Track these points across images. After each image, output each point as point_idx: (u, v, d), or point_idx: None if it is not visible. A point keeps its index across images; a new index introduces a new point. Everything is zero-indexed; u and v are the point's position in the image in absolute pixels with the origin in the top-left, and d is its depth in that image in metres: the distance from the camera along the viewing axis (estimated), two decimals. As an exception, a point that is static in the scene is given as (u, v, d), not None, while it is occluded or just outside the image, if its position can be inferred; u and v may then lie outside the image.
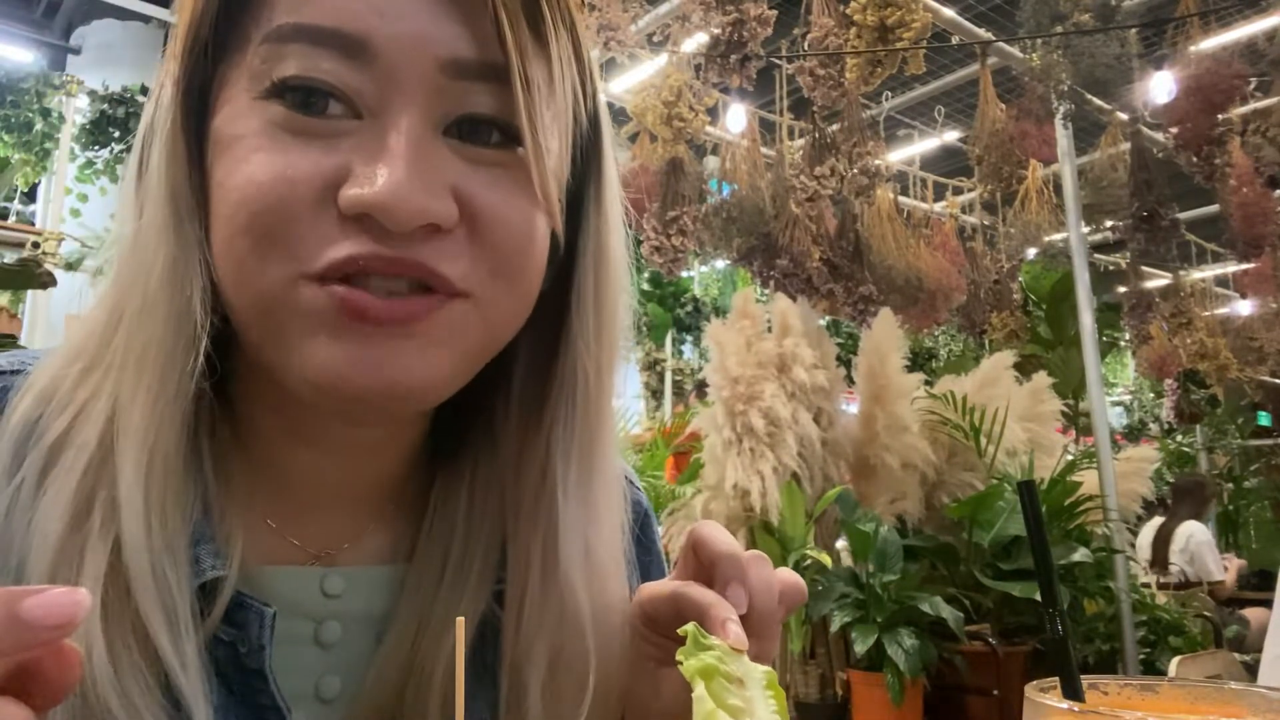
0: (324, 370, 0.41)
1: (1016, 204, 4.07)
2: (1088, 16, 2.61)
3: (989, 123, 3.32)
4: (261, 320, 0.42)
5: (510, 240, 0.43)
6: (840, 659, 2.28)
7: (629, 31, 2.70)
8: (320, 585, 0.49)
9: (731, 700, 0.38)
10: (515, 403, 0.51)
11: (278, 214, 0.40)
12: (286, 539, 0.49)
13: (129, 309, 0.43)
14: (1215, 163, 3.09)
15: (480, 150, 0.43)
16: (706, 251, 3.31)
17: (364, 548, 0.51)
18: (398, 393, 0.42)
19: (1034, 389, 2.84)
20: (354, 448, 0.49)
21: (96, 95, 5.65)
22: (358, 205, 0.39)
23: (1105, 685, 0.42)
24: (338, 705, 0.48)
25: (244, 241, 0.40)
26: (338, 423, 0.47)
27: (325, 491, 0.50)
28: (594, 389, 0.50)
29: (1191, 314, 4.96)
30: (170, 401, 0.42)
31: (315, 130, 0.41)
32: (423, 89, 0.41)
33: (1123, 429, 9.47)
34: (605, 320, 0.50)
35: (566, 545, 0.49)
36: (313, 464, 0.49)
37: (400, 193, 0.39)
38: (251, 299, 0.41)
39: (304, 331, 0.41)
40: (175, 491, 0.42)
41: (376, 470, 0.51)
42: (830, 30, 2.77)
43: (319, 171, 0.40)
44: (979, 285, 4.32)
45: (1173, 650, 2.57)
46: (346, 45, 0.40)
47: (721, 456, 2.30)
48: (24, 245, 5.48)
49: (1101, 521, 2.65)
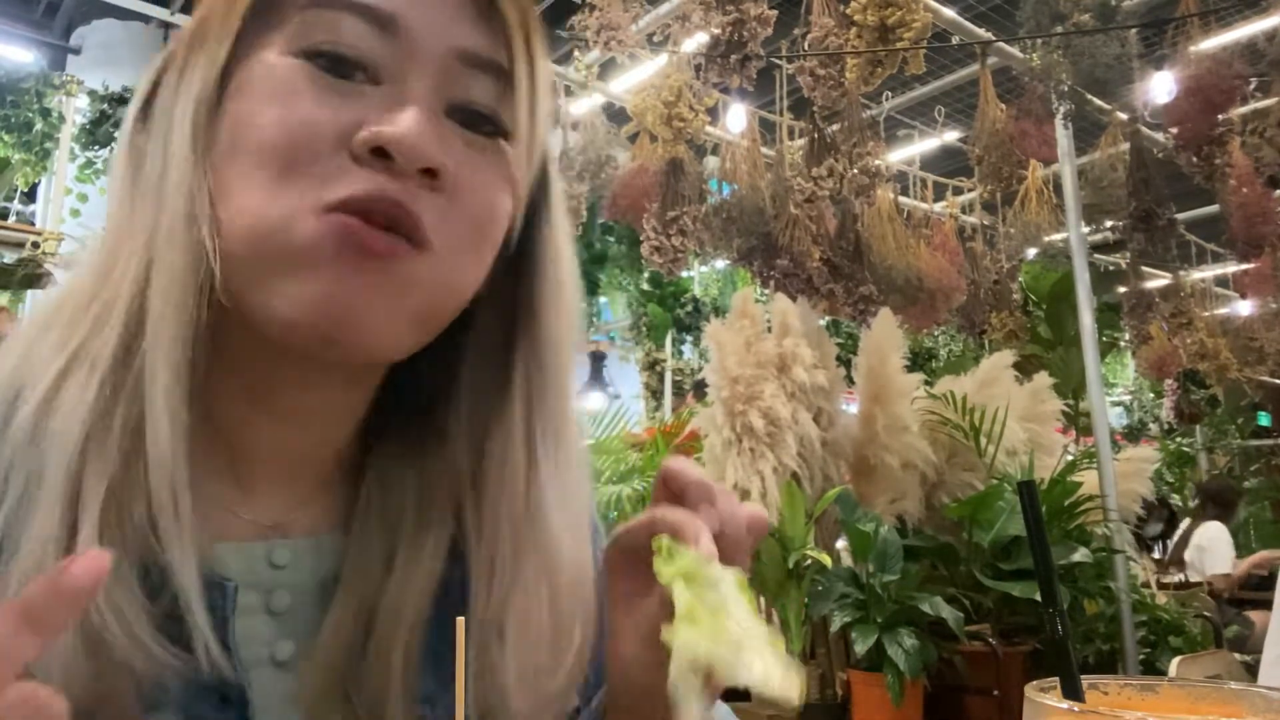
0: (310, 305, 0.44)
1: (1016, 204, 4.07)
2: (1088, 16, 2.61)
3: (989, 123, 3.32)
4: (255, 251, 0.45)
5: (481, 211, 0.49)
6: (840, 659, 2.28)
7: (629, 31, 2.70)
8: (268, 558, 0.51)
9: (709, 597, 0.41)
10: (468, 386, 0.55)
11: (298, 150, 0.44)
12: (237, 515, 0.52)
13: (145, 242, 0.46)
14: (1215, 163, 3.09)
15: (471, 135, 0.49)
16: (706, 251, 3.31)
17: (311, 516, 0.54)
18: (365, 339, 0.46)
19: (1034, 389, 2.84)
20: (307, 412, 0.52)
21: (96, 95, 5.64)
22: (375, 139, 0.44)
23: (1105, 685, 0.42)
24: (291, 668, 0.50)
25: (261, 174, 0.44)
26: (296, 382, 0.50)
27: (273, 464, 0.53)
28: (563, 371, 0.55)
29: (1191, 314, 4.96)
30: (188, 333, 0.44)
31: (339, 89, 0.46)
32: (437, 67, 0.47)
33: (1123, 429, 9.47)
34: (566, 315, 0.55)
35: (541, 505, 0.52)
36: (266, 430, 0.52)
37: (416, 129, 0.45)
38: (252, 227, 0.45)
39: (296, 263, 0.44)
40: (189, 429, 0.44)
41: (326, 436, 0.54)
42: (830, 30, 2.77)
43: (338, 119, 0.45)
44: (979, 285, 4.32)
45: (1173, 650, 2.57)
46: (378, 18, 0.46)
47: (721, 456, 2.30)
48: (24, 245, 5.48)
49: (1101, 521, 2.64)
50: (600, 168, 3.11)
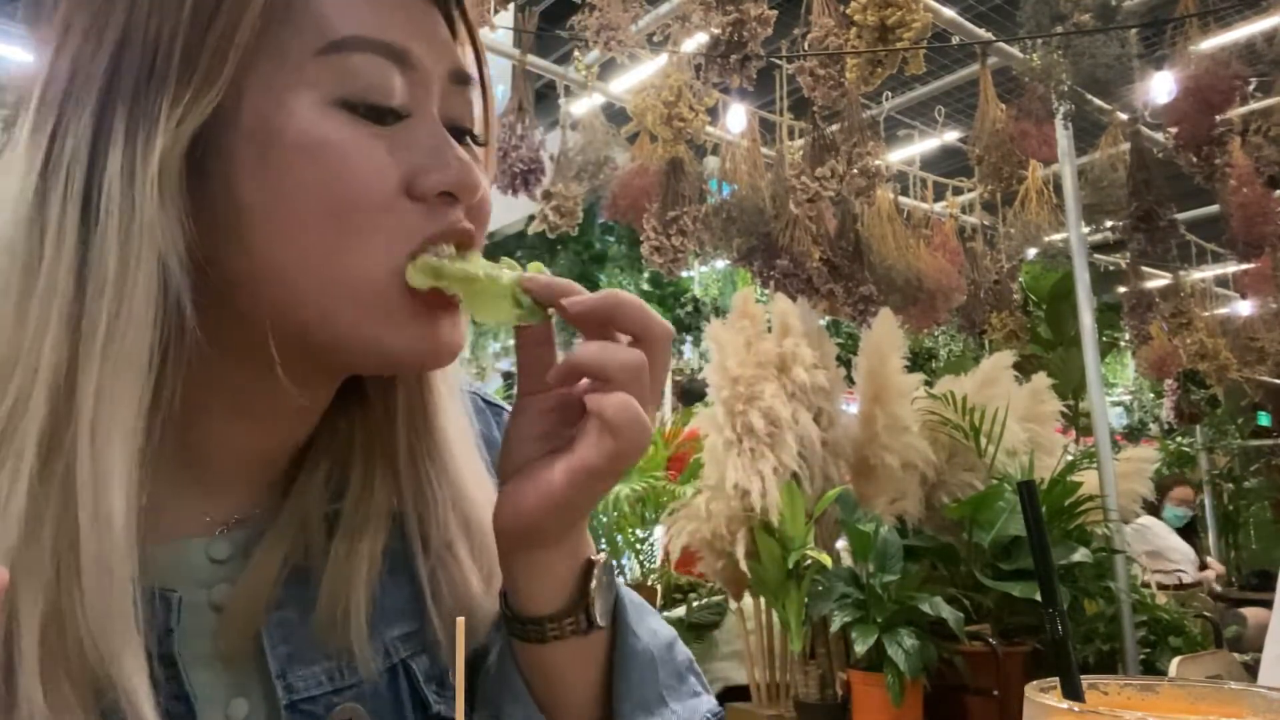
0: (410, 350, 0.49)
1: (1016, 204, 4.07)
2: (1088, 16, 2.61)
3: (989, 123, 3.32)
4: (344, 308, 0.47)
5: (485, 217, 0.53)
6: (840, 659, 2.28)
7: (629, 31, 2.70)
8: (206, 553, 0.52)
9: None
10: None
11: (371, 202, 0.46)
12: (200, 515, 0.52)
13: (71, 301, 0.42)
14: (1215, 163, 3.09)
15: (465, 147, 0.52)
16: (706, 251, 3.31)
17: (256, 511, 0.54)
18: (445, 361, 0.52)
19: (1034, 389, 2.84)
20: (287, 414, 0.53)
21: (96, 95, 5.64)
22: (442, 186, 0.48)
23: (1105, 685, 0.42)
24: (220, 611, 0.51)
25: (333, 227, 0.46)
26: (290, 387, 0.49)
27: (245, 464, 0.54)
28: None
29: (1191, 314, 4.96)
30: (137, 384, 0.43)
31: (382, 135, 0.47)
32: (439, 91, 0.50)
33: (1123, 429, 9.47)
34: None
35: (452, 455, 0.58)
36: (240, 437, 0.52)
37: (471, 171, 0.49)
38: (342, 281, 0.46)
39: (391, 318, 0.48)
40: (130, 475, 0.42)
41: (295, 435, 0.55)
42: (830, 30, 2.76)
43: (397, 167, 0.47)
44: (979, 285, 4.32)
45: (1173, 650, 2.57)
46: (398, 56, 0.48)
47: (722, 456, 2.30)
48: (24, 245, 5.47)
49: (1101, 521, 2.64)
50: (600, 168, 3.11)
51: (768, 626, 2.43)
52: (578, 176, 3.08)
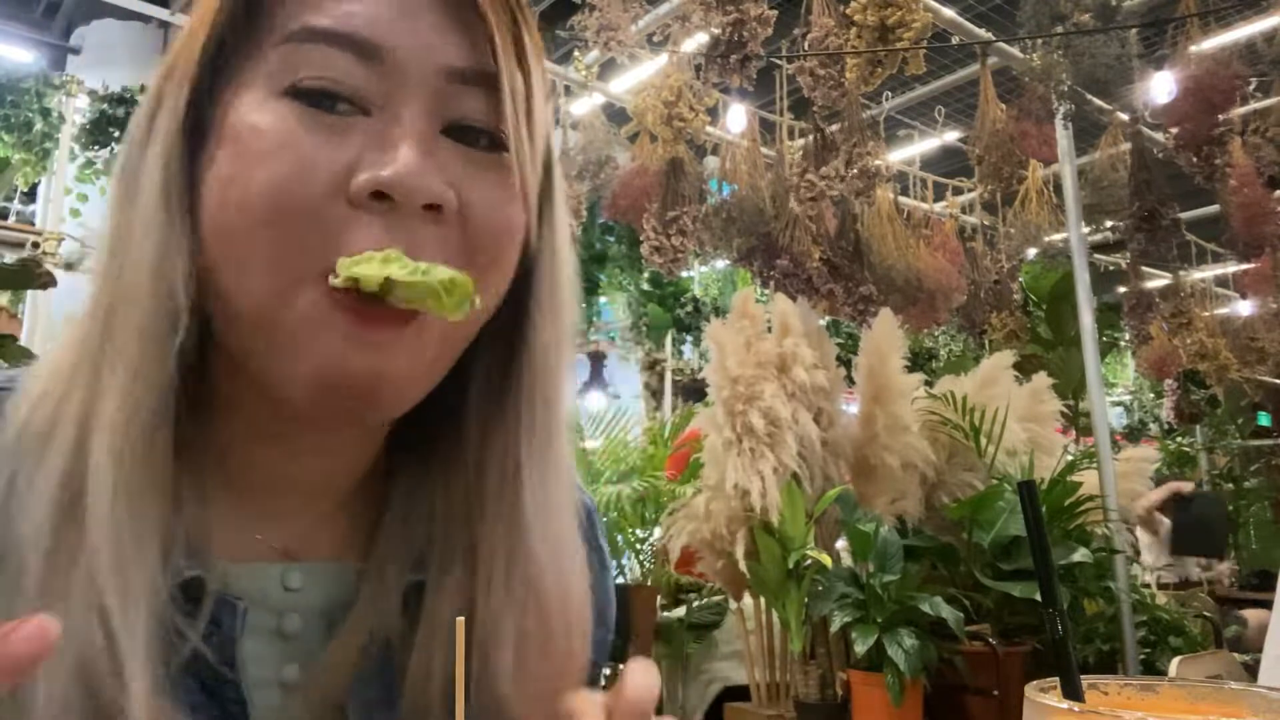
0: (322, 379, 0.43)
1: (1016, 204, 4.07)
2: (1088, 16, 2.61)
3: (989, 123, 3.32)
4: (262, 325, 0.44)
5: (494, 233, 0.47)
6: (840, 659, 2.28)
7: (629, 31, 2.70)
8: (281, 580, 0.51)
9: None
10: (478, 395, 0.53)
11: (296, 208, 0.42)
12: (252, 536, 0.51)
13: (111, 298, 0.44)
14: (1215, 163, 3.09)
15: (469, 151, 0.47)
16: (706, 251, 3.31)
17: (324, 542, 0.53)
18: (385, 399, 0.45)
19: (1034, 389, 2.84)
20: (322, 448, 0.51)
21: (96, 95, 5.64)
22: (373, 184, 0.42)
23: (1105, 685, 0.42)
24: (296, 690, 0.50)
25: (257, 238, 0.42)
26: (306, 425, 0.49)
27: (290, 490, 0.52)
28: (553, 382, 0.53)
29: (1191, 314, 4.96)
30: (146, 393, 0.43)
31: (328, 125, 0.44)
32: (426, 90, 0.45)
33: (1123, 429, 9.46)
34: (560, 321, 0.53)
35: (531, 530, 0.51)
36: (280, 463, 0.51)
37: (413, 169, 0.43)
38: (255, 300, 0.43)
39: (304, 341, 0.43)
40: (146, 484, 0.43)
41: (342, 468, 0.53)
42: (830, 30, 2.76)
43: (332, 163, 0.43)
44: (979, 285, 4.32)
45: (1173, 650, 2.57)
46: (361, 49, 0.44)
47: (721, 456, 2.30)
48: (24, 245, 5.48)
49: (1101, 521, 2.64)
50: (600, 168, 3.11)
51: (768, 626, 2.43)
52: (578, 176, 3.08)
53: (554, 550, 0.52)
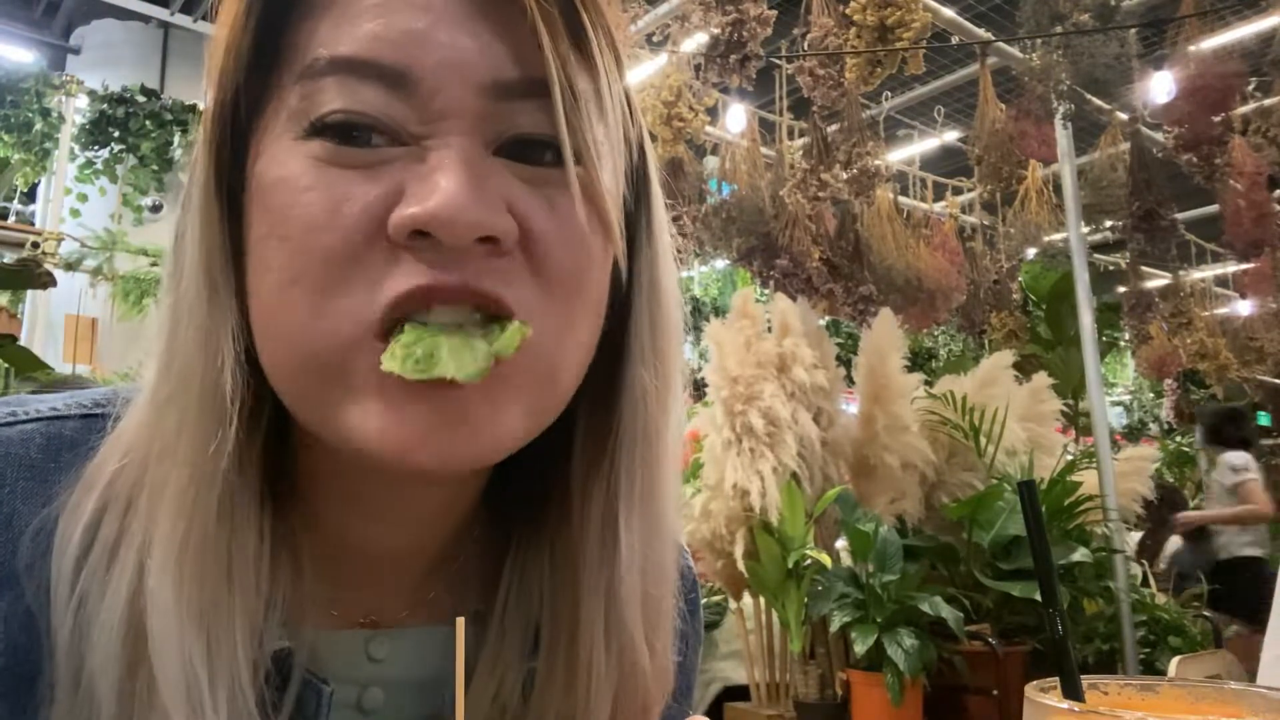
0: (385, 441, 0.38)
1: (1016, 204, 4.08)
2: (1088, 16, 2.61)
3: (989, 123, 3.32)
4: (312, 386, 0.39)
5: (570, 263, 0.41)
6: (840, 659, 2.28)
7: (629, 31, 2.70)
8: (365, 649, 0.47)
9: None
10: (580, 453, 0.48)
11: (333, 252, 0.38)
12: (342, 604, 0.48)
13: (167, 389, 0.41)
14: (1215, 163, 3.09)
15: (534, 169, 0.41)
16: (706, 251, 3.31)
17: (415, 609, 0.50)
18: (462, 459, 0.39)
19: (1034, 389, 2.84)
20: (410, 516, 0.47)
21: (96, 95, 5.65)
22: (410, 222, 0.37)
23: (1105, 685, 0.41)
24: None
25: (299, 290, 0.38)
26: (401, 489, 0.45)
27: (378, 559, 0.48)
28: (656, 437, 0.47)
29: (1191, 314, 4.96)
30: (206, 501, 0.40)
31: (360, 161, 0.39)
32: (468, 114, 0.39)
33: (1123, 429, 9.47)
34: (663, 362, 0.47)
35: (629, 603, 0.46)
36: (367, 531, 0.47)
37: (456, 202, 0.37)
38: (301, 362, 0.39)
39: (358, 400, 0.38)
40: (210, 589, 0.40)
41: (432, 535, 0.49)
42: (830, 30, 2.77)
43: (367, 200, 0.38)
44: (979, 285, 4.32)
45: (1173, 650, 2.57)
46: (385, 76, 0.39)
47: (721, 456, 2.30)
48: (24, 245, 5.49)
49: (1101, 521, 2.64)
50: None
51: (768, 626, 2.43)
52: (578, 176, 3.07)
53: (650, 625, 0.48)
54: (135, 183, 5.80)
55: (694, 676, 0.62)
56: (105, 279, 5.45)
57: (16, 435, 0.43)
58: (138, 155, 5.70)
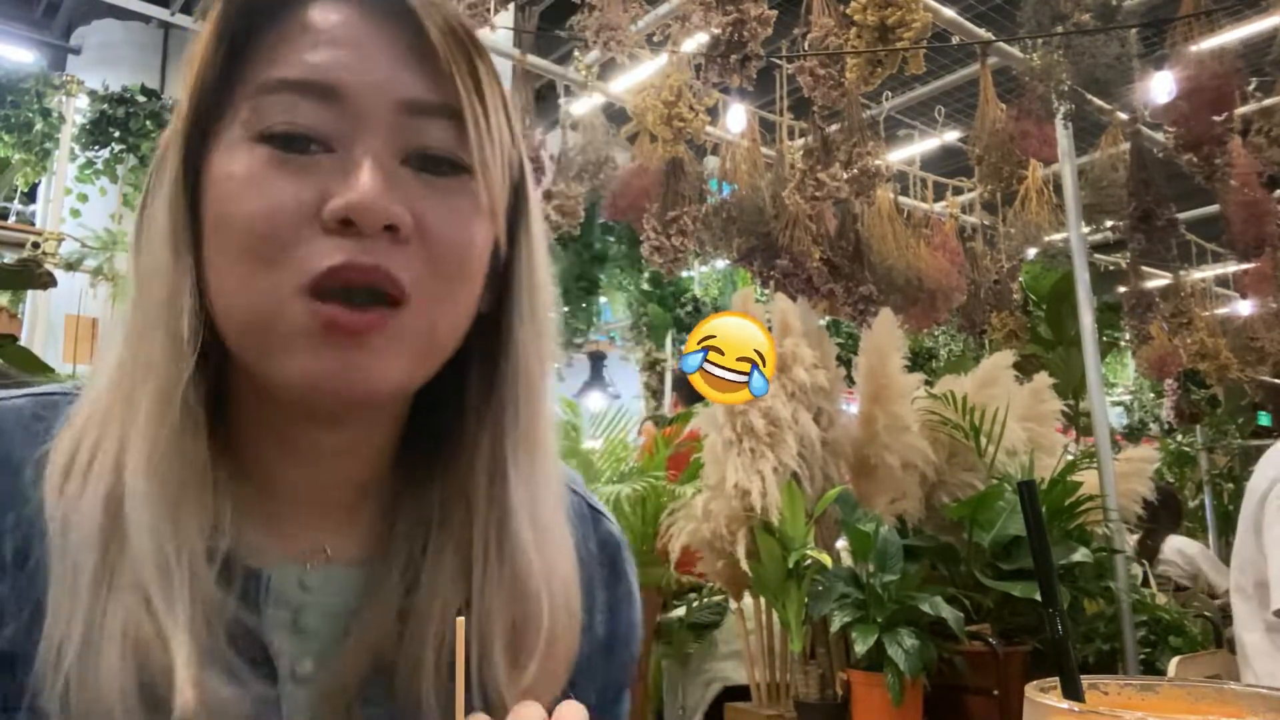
0: (305, 377, 0.49)
1: (1016, 204, 4.07)
2: (1088, 16, 2.61)
3: (989, 123, 3.32)
4: (254, 335, 0.50)
5: (454, 249, 0.52)
6: (840, 659, 2.28)
7: (629, 31, 2.70)
8: (299, 580, 0.56)
9: None
10: (472, 400, 0.58)
11: (270, 237, 0.48)
12: (275, 539, 0.56)
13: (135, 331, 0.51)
14: (1215, 163, 3.09)
15: (433, 179, 0.52)
16: (706, 251, 3.31)
17: (343, 545, 0.58)
18: (360, 394, 0.50)
19: (1034, 389, 2.84)
20: (330, 453, 0.57)
21: (96, 95, 5.64)
22: (340, 210, 0.48)
23: (1105, 685, 0.42)
24: (309, 684, 0.54)
25: (242, 265, 0.49)
26: (314, 427, 0.55)
27: (306, 496, 0.57)
28: (537, 378, 0.58)
29: (1191, 314, 4.96)
30: (170, 412, 0.49)
31: (296, 164, 0.50)
32: (384, 124, 0.51)
33: (1123, 429, 9.46)
34: (538, 320, 0.59)
35: (516, 522, 0.55)
36: (294, 470, 0.56)
37: (370, 194, 0.48)
38: (246, 316, 0.50)
39: (288, 346, 0.49)
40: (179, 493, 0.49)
41: (351, 474, 0.58)
42: (830, 30, 2.76)
43: (301, 198, 0.49)
44: (979, 285, 4.32)
45: (1173, 650, 2.57)
46: (321, 92, 0.50)
47: (721, 456, 2.30)
48: (24, 245, 5.48)
49: (1101, 522, 2.64)
50: (600, 168, 3.11)
51: (768, 626, 2.43)
52: (578, 176, 3.08)
53: (541, 541, 0.56)
54: (135, 183, 5.79)
55: (630, 629, 0.69)
56: (105, 279, 5.45)
57: (13, 403, 0.54)
58: (138, 155, 5.70)
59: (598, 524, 0.69)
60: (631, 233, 4.93)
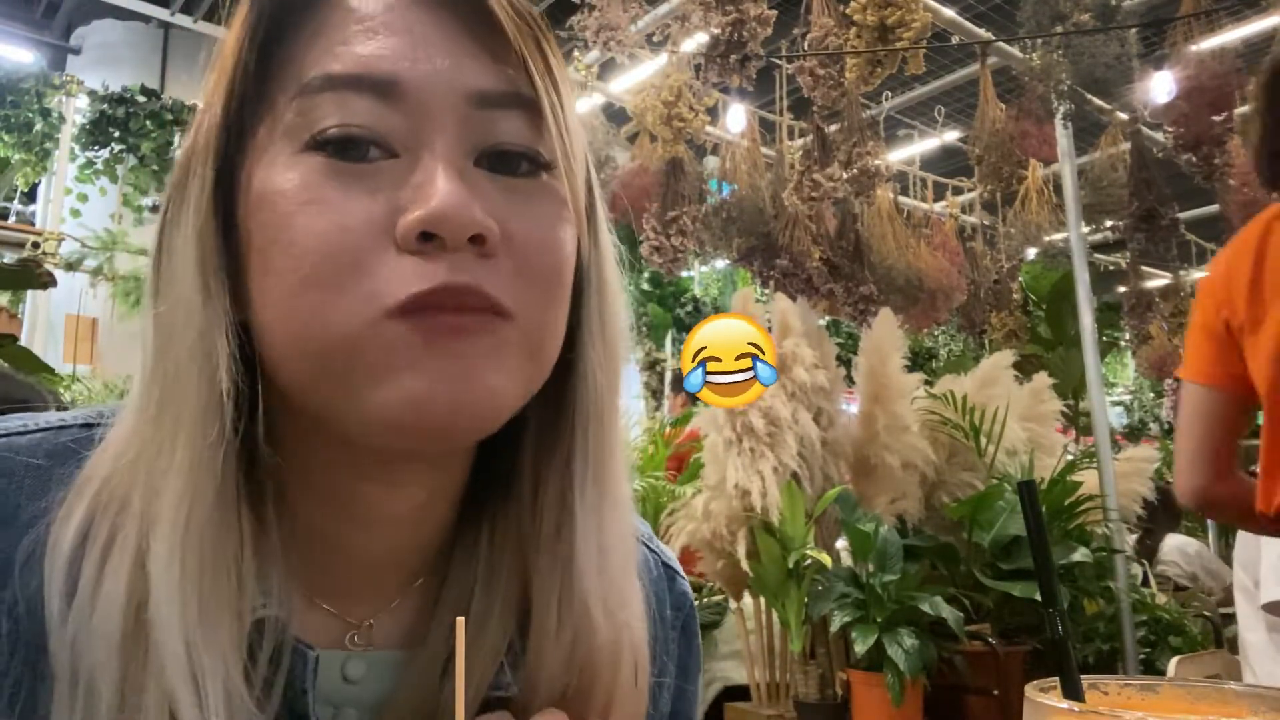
0: (408, 401, 0.41)
1: (1016, 204, 4.08)
2: (1088, 16, 2.61)
3: (989, 123, 3.32)
4: (335, 367, 0.42)
5: (546, 257, 0.45)
6: (840, 659, 2.28)
7: (629, 31, 2.70)
8: (341, 671, 0.49)
9: None
10: (531, 440, 0.51)
11: (343, 258, 0.41)
12: (320, 619, 0.49)
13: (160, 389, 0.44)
14: (1215, 163, 3.09)
15: (509, 179, 0.45)
16: (706, 251, 3.31)
17: (390, 625, 0.51)
18: (472, 413, 0.43)
19: (1034, 389, 2.84)
20: (392, 518, 0.49)
21: (96, 95, 5.64)
22: (418, 225, 0.41)
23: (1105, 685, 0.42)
24: None
25: (313, 292, 0.41)
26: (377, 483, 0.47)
27: (361, 568, 0.50)
28: (606, 416, 0.50)
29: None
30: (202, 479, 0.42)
31: (356, 174, 0.42)
32: (453, 118, 0.43)
33: (1123, 429, 9.47)
34: (611, 346, 0.51)
35: (584, 581, 0.48)
36: (349, 536, 0.49)
37: (451, 202, 0.41)
38: (323, 346, 0.42)
39: (385, 368, 0.41)
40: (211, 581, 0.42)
41: (412, 539, 0.51)
42: (830, 30, 2.77)
43: (370, 213, 0.42)
44: (979, 285, 4.32)
45: (1173, 650, 2.57)
46: (377, 87, 0.42)
47: (721, 456, 2.30)
48: (24, 245, 5.49)
49: (1101, 521, 2.64)
50: (600, 168, 3.11)
51: (768, 626, 2.43)
52: (578, 176, 3.07)
53: (609, 600, 0.49)
54: (135, 183, 5.80)
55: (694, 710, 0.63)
56: (105, 279, 5.45)
57: (26, 443, 0.46)
58: (138, 155, 5.70)
59: (673, 584, 0.62)
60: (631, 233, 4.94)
